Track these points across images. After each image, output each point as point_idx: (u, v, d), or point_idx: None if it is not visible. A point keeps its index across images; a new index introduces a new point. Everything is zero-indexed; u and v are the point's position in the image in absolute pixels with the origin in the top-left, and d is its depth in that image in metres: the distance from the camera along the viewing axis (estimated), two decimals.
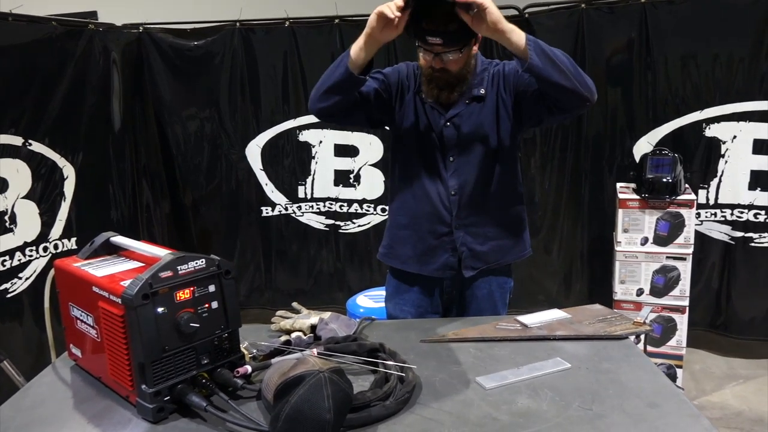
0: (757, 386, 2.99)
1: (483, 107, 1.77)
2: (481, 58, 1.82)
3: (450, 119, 1.77)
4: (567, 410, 1.19)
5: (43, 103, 2.82)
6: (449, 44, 1.60)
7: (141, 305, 1.14)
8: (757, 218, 3.06)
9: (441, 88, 1.73)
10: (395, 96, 1.82)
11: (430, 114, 1.79)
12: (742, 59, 2.95)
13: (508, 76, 1.77)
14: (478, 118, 1.77)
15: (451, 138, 1.78)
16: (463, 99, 1.77)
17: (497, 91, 1.77)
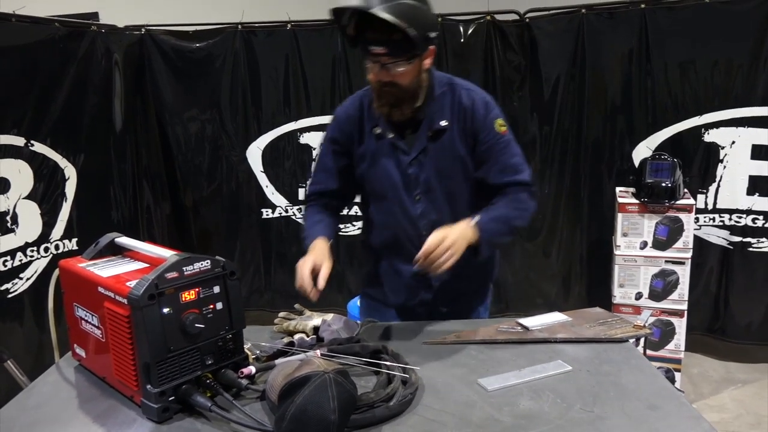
0: (754, 390, 3.00)
1: (447, 142, 1.66)
2: (438, 78, 1.69)
3: (414, 158, 1.67)
4: (568, 412, 1.20)
5: (45, 104, 2.83)
6: (394, 54, 1.51)
7: (147, 306, 1.15)
8: (755, 223, 3.08)
9: (392, 105, 1.60)
10: (354, 144, 1.72)
11: (391, 153, 1.68)
12: (741, 65, 2.97)
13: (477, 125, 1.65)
14: (442, 154, 1.67)
15: (416, 177, 1.68)
16: (424, 131, 1.66)
17: (462, 127, 1.66)
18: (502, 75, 3.37)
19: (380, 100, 1.61)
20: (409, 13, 1.44)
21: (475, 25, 3.32)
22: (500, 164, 1.66)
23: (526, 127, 3.41)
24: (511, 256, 3.59)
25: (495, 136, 1.65)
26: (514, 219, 1.65)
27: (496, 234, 1.61)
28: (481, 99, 1.67)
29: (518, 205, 1.66)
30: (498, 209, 1.63)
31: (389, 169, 1.69)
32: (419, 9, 1.48)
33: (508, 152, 1.67)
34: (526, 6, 3.29)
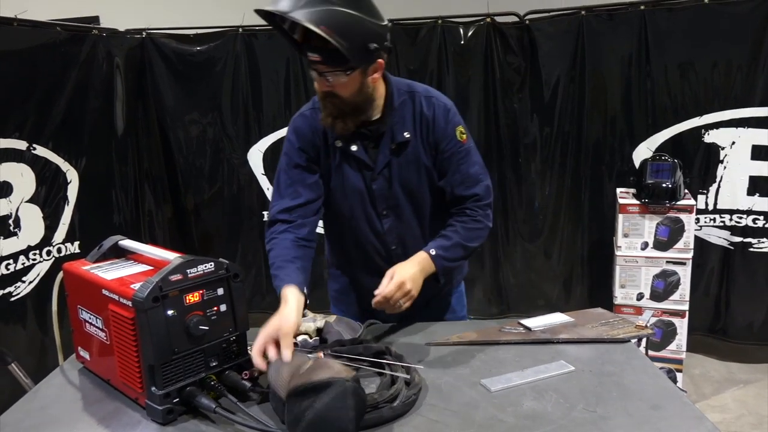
0: (756, 390, 3.01)
1: (411, 155, 1.60)
2: (396, 85, 1.61)
3: (379, 173, 1.61)
4: (571, 412, 1.20)
5: (46, 108, 2.84)
6: (329, 63, 1.41)
7: (151, 308, 1.15)
8: (756, 223, 3.08)
9: (334, 117, 1.53)
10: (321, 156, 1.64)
11: (355, 167, 1.62)
12: (741, 66, 2.97)
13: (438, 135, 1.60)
14: (407, 167, 1.61)
15: (381, 192, 1.63)
16: (386, 144, 1.59)
17: (425, 138, 1.60)
18: (502, 77, 3.37)
19: (324, 110, 1.54)
20: (340, 22, 1.34)
21: (475, 27, 3.33)
22: (460, 174, 1.62)
23: (526, 129, 3.41)
24: (512, 258, 3.60)
25: (455, 145, 1.61)
26: (470, 241, 1.61)
27: (453, 260, 1.59)
28: (442, 107, 1.61)
29: (474, 225, 1.62)
30: (453, 235, 1.59)
31: (355, 184, 1.63)
32: (355, 19, 1.36)
33: (467, 162, 1.62)
34: (526, 8, 3.30)
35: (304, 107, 1.68)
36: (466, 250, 1.61)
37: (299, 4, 1.31)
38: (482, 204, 1.63)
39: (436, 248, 1.55)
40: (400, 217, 1.66)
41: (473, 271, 3.60)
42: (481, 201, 1.63)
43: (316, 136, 1.62)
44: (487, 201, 1.65)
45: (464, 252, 1.61)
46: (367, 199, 1.64)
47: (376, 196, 1.63)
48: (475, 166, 1.64)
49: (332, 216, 1.72)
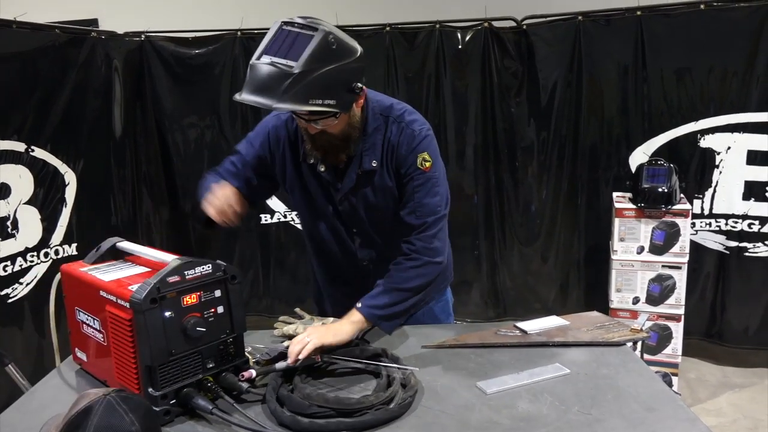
0: (751, 395, 3.01)
1: (377, 182, 1.57)
2: (373, 108, 1.55)
3: (344, 196, 1.59)
4: (566, 414, 1.21)
5: (45, 110, 2.84)
6: (317, 115, 1.39)
7: (149, 309, 1.16)
8: (751, 228, 3.10)
9: (326, 150, 1.51)
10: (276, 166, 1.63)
11: (324, 186, 1.60)
12: (736, 71, 2.99)
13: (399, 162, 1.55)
14: (372, 194, 1.58)
15: (347, 214, 1.62)
16: (353, 169, 1.56)
17: (390, 166, 1.56)
18: (499, 81, 3.39)
19: (314, 144, 1.51)
20: (325, 84, 1.31)
21: (473, 32, 3.35)
22: (413, 203, 1.55)
23: (523, 133, 3.43)
24: (509, 261, 3.61)
25: (413, 172, 1.54)
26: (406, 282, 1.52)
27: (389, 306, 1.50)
28: (409, 134, 1.54)
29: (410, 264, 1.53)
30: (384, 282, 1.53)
31: (323, 203, 1.62)
32: (335, 72, 1.33)
33: (423, 190, 1.55)
34: (524, 13, 3.32)
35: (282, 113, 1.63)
36: (404, 291, 1.52)
37: (281, 90, 1.28)
38: (426, 235, 1.54)
39: (362, 300, 1.51)
40: (368, 238, 1.65)
41: (470, 273, 3.62)
42: (426, 231, 1.54)
43: (280, 148, 1.61)
44: (431, 231, 1.54)
45: (402, 295, 1.51)
46: (336, 217, 1.64)
47: (345, 217, 1.63)
48: (433, 198, 1.55)
49: (307, 228, 1.74)
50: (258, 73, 1.32)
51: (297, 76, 1.28)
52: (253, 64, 1.34)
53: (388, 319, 1.51)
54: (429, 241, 1.54)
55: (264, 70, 1.31)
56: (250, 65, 1.35)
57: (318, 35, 1.31)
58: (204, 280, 1.25)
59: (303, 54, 1.29)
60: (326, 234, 1.67)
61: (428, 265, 1.54)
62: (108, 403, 1.02)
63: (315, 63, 1.29)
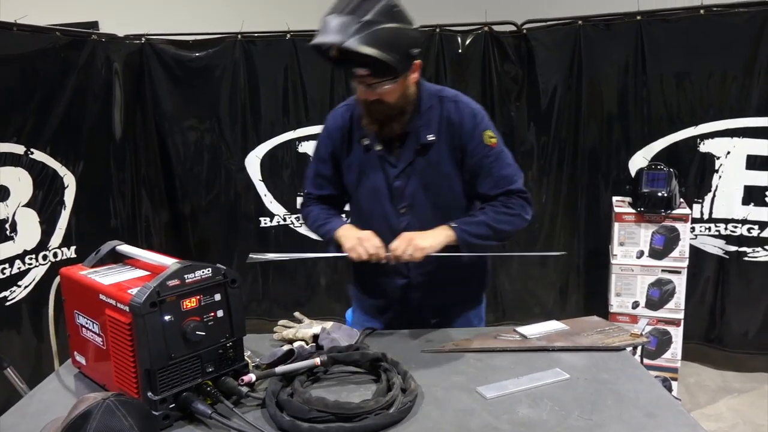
0: (750, 399, 3.01)
1: (433, 157, 1.66)
2: (426, 89, 1.69)
3: (401, 171, 1.67)
4: (567, 420, 1.21)
5: (45, 113, 2.84)
6: (378, 75, 1.50)
7: (148, 313, 1.16)
8: (751, 233, 3.10)
9: (381, 122, 1.61)
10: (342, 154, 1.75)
11: (379, 165, 1.69)
12: (736, 76, 3.00)
13: (465, 140, 1.65)
14: (428, 170, 1.67)
15: (402, 190, 1.68)
16: (411, 145, 1.66)
17: (450, 142, 1.66)
18: (499, 85, 3.39)
19: (369, 117, 1.62)
20: (388, 38, 1.43)
21: (473, 36, 3.35)
22: (493, 177, 1.66)
23: (523, 137, 3.43)
24: (508, 265, 3.61)
25: (484, 149, 1.65)
26: (499, 223, 1.64)
27: (477, 236, 1.62)
28: (469, 112, 1.66)
29: (506, 209, 1.65)
30: (482, 215, 1.66)
31: (376, 181, 1.70)
32: (398, 31, 1.46)
33: (498, 164, 1.66)
34: (524, 17, 3.32)
35: (337, 107, 1.80)
36: (493, 230, 1.63)
37: (350, 33, 1.40)
38: (516, 195, 1.67)
39: (458, 222, 1.62)
40: (417, 217, 1.69)
41: None
42: (513, 193, 1.67)
43: (341, 136, 1.73)
44: (522, 193, 1.68)
45: (490, 231, 1.63)
46: (387, 196, 1.70)
47: (396, 194, 1.69)
48: (507, 168, 1.68)
49: (355, 211, 1.82)
50: (329, 22, 1.43)
51: (364, 24, 1.40)
52: (327, 17, 1.45)
53: (470, 246, 1.61)
54: (519, 199, 1.67)
55: (335, 19, 1.43)
56: (324, 19, 1.46)
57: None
58: (204, 284, 1.24)
59: (371, 9, 1.42)
60: (375, 213, 1.73)
61: (519, 217, 1.67)
62: (107, 407, 1.01)
63: (380, 17, 1.42)
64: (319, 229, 1.75)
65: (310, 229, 1.82)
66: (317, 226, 1.76)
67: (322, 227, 1.74)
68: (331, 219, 1.74)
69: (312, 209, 1.81)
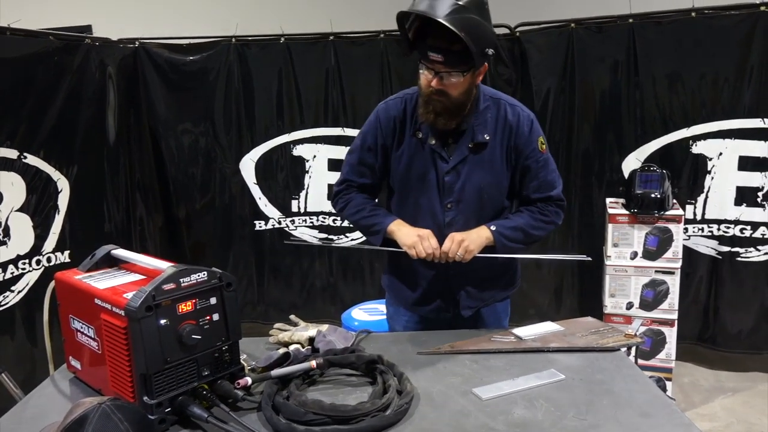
0: (744, 399, 3.03)
1: (487, 156, 1.71)
2: (483, 92, 1.74)
3: (453, 167, 1.71)
4: (562, 420, 1.21)
5: (38, 117, 2.83)
6: (451, 64, 1.55)
7: (144, 317, 1.16)
8: (743, 233, 3.12)
9: (438, 113, 1.63)
10: (393, 145, 1.77)
11: (431, 158, 1.72)
12: (728, 78, 3.02)
13: (520, 142, 1.72)
14: (481, 167, 1.71)
15: (451, 185, 1.72)
16: (465, 142, 1.70)
17: (505, 143, 1.71)
18: (493, 87, 3.39)
19: (427, 107, 1.64)
20: (473, 27, 1.48)
21: None
22: (538, 180, 1.74)
23: None
24: None
25: (536, 154, 1.73)
26: (533, 229, 1.74)
27: (512, 240, 1.71)
28: (527, 117, 1.74)
29: (542, 217, 1.75)
30: (519, 219, 1.73)
31: (426, 175, 1.73)
32: (482, 25, 1.51)
33: (546, 169, 1.75)
34: (517, 20, 3.34)
35: (390, 98, 1.82)
36: (527, 235, 1.73)
37: (446, 11, 1.45)
38: (554, 202, 1.77)
39: (497, 225, 1.70)
40: (463, 213, 1.73)
41: None
42: (552, 200, 1.76)
43: (393, 126, 1.75)
44: (559, 201, 1.78)
45: (524, 236, 1.73)
46: (436, 190, 1.73)
47: (446, 189, 1.72)
48: (552, 174, 1.77)
49: (398, 202, 1.82)
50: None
51: (460, 7, 1.46)
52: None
53: (504, 248, 1.70)
54: (556, 207, 1.77)
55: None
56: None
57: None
58: (199, 288, 1.24)
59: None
60: (421, 206, 1.75)
61: (552, 225, 1.77)
62: (103, 412, 1.01)
63: (474, 7, 1.49)
64: (363, 219, 1.77)
65: (347, 216, 1.82)
66: (361, 216, 1.77)
67: (368, 218, 1.76)
68: (377, 211, 1.77)
69: (353, 197, 1.82)
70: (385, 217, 1.74)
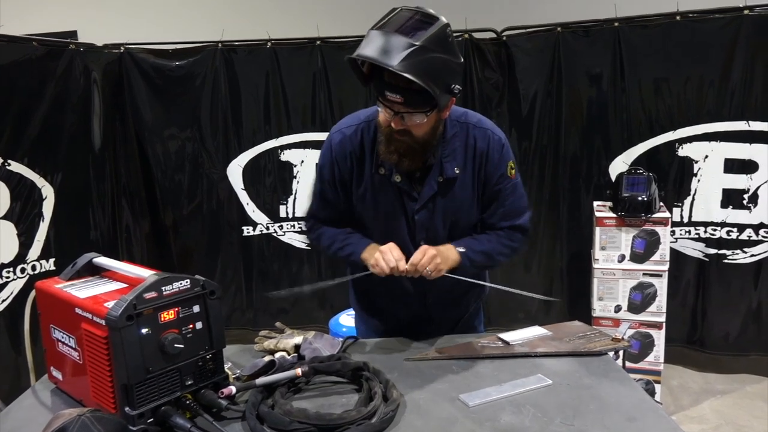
0: (733, 400, 3.04)
1: (457, 189, 1.61)
2: (450, 117, 1.58)
3: (423, 204, 1.61)
4: (549, 426, 1.21)
5: (22, 123, 2.80)
6: (412, 105, 1.40)
7: (125, 326, 1.14)
8: (730, 235, 3.14)
9: (402, 154, 1.51)
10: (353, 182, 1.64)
11: (397, 197, 1.61)
12: (713, 81, 3.04)
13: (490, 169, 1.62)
14: (452, 201, 1.62)
15: (422, 222, 1.63)
16: (434, 176, 1.58)
17: (476, 173, 1.62)
18: (480, 92, 3.41)
19: (389, 146, 1.51)
20: (435, 67, 1.35)
21: None
22: (505, 208, 1.66)
23: None
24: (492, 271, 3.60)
25: (504, 180, 1.64)
26: (498, 255, 1.68)
27: (475, 264, 1.64)
28: (497, 141, 1.63)
29: (509, 242, 1.68)
30: (487, 243, 1.66)
31: (394, 214, 1.63)
32: (445, 62, 1.38)
33: (513, 196, 1.67)
34: (503, 24, 3.35)
35: (344, 123, 1.68)
36: (491, 260, 1.69)
37: (401, 57, 1.31)
38: (521, 230, 1.70)
39: (465, 247, 1.61)
40: (435, 245, 1.61)
41: None
42: (519, 229, 1.69)
43: (350, 163, 1.62)
44: (526, 231, 1.71)
45: (489, 261, 1.68)
46: (406, 228, 1.64)
47: (417, 227, 1.63)
48: (520, 200, 1.69)
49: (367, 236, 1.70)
50: (381, 38, 1.35)
51: (417, 49, 1.32)
52: (375, 31, 1.37)
53: (467, 269, 1.61)
54: (523, 234, 1.70)
55: (388, 37, 1.34)
56: (371, 32, 1.38)
57: (439, 23, 1.37)
58: (182, 296, 1.23)
59: (426, 33, 1.34)
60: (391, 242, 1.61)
61: (514, 252, 1.72)
62: (82, 424, 1.00)
63: (433, 45, 1.34)
64: (339, 251, 1.68)
65: (323, 250, 1.75)
66: (336, 249, 1.68)
67: (342, 250, 1.67)
68: (349, 240, 1.67)
69: (323, 232, 1.72)
70: (358, 245, 1.64)
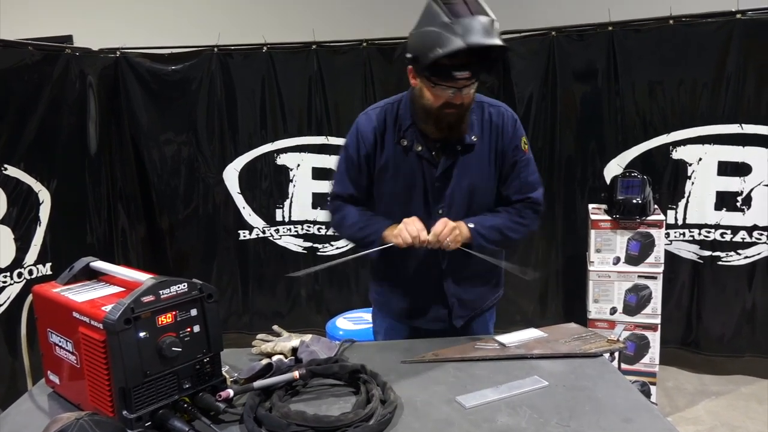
0: (728, 402, 3.05)
1: (475, 158, 1.70)
2: None
3: (443, 172, 1.69)
4: (545, 427, 1.21)
5: (18, 128, 2.80)
6: (476, 75, 1.55)
7: (123, 330, 1.14)
8: (724, 237, 3.16)
9: (451, 126, 1.63)
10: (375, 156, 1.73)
11: (418, 165, 1.69)
12: (706, 84, 3.07)
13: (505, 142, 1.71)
14: (470, 169, 1.70)
15: (442, 191, 1.70)
16: (453, 145, 1.68)
17: (492, 145, 1.71)
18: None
19: (439, 123, 1.62)
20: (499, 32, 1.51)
21: None
22: (520, 181, 1.74)
23: None
24: None
25: (519, 153, 1.73)
26: (510, 231, 1.72)
27: (488, 240, 1.69)
28: (510, 116, 1.74)
29: (519, 219, 1.74)
30: (496, 218, 1.72)
31: (414, 183, 1.71)
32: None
33: (528, 170, 1.75)
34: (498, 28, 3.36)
35: (370, 108, 1.79)
36: (503, 236, 1.71)
37: (496, 33, 1.49)
38: (533, 206, 1.76)
39: (474, 222, 1.67)
40: (453, 217, 1.68)
41: None
42: (532, 203, 1.76)
43: (374, 138, 1.73)
44: (538, 206, 1.77)
45: (501, 237, 1.71)
46: (423, 197, 1.71)
47: (436, 195, 1.71)
48: (533, 175, 1.77)
49: (384, 211, 1.76)
50: (478, 23, 1.46)
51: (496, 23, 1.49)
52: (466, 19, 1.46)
53: (480, 247, 1.67)
54: (534, 211, 1.77)
55: (483, 20, 1.47)
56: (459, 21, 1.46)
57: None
58: (179, 300, 1.23)
59: (485, 4, 1.49)
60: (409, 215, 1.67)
61: (528, 229, 1.77)
62: (80, 427, 1.00)
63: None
64: (360, 231, 1.72)
65: (344, 231, 1.78)
66: (359, 229, 1.73)
67: (363, 230, 1.71)
68: (373, 220, 1.73)
69: (348, 212, 1.76)
70: (380, 225, 1.69)
